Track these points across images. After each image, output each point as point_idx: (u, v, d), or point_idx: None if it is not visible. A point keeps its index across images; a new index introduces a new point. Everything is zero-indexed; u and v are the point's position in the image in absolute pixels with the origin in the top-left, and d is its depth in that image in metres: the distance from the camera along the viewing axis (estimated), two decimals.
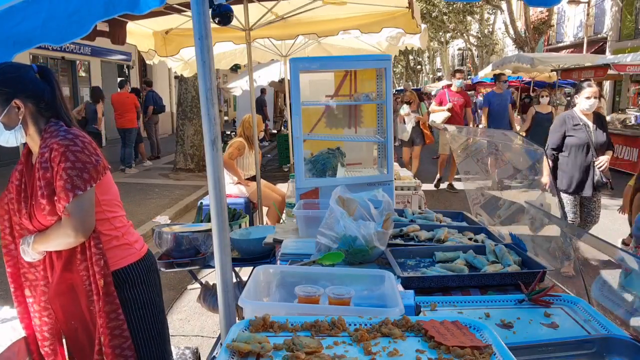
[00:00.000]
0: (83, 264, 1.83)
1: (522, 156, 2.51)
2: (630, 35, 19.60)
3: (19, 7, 1.54)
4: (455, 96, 8.52)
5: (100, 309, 1.81)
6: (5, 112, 1.78)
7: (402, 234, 2.41)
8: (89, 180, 1.75)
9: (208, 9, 1.34)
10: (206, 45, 1.32)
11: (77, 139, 1.78)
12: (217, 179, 1.36)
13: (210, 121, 1.35)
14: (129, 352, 1.87)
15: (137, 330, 1.94)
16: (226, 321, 1.42)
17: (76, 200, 1.72)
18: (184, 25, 4.81)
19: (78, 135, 1.80)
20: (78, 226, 1.75)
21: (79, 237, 1.77)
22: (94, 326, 1.88)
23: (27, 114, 1.82)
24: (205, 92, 1.34)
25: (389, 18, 4.55)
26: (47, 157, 1.75)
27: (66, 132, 1.79)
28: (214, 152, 1.35)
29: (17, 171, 1.90)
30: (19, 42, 1.56)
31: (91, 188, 1.76)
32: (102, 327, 1.82)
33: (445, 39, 34.30)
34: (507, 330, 1.43)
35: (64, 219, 1.75)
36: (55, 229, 1.79)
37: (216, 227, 1.37)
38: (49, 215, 1.77)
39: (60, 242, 1.79)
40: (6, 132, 1.82)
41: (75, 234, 1.75)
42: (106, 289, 1.82)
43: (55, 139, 1.77)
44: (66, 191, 1.71)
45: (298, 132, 2.92)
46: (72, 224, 1.74)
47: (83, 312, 1.88)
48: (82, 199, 1.74)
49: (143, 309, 1.97)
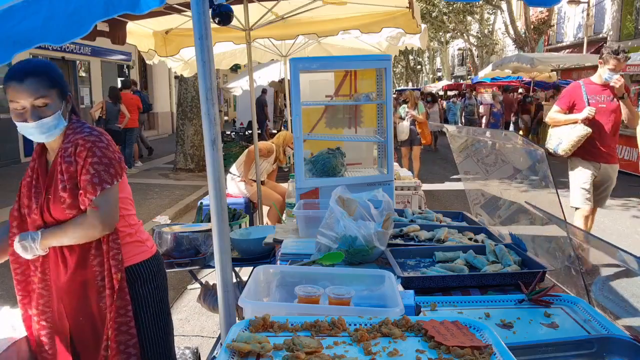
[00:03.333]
0: (97, 259, 1.84)
1: (522, 156, 2.51)
2: (631, 35, 19.61)
3: (19, 7, 1.54)
4: (602, 93, 4.34)
5: (112, 303, 1.82)
6: (63, 107, 1.83)
7: (402, 234, 2.41)
8: (115, 175, 1.80)
9: (208, 9, 1.34)
10: (206, 45, 1.32)
11: (102, 136, 1.84)
12: (217, 179, 1.36)
13: (210, 121, 1.35)
14: (133, 350, 1.87)
15: (143, 328, 1.94)
16: (226, 321, 1.42)
17: (104, 193, 1.77)
18: (184, 25, 4.81)
19: (102, 133, 1.87)
20: (105, 219, 1.78)
21: (105, 229, 1.80)
22: (101, 323, 1.87)
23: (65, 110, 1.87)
24: (206, 92, 1.34)
25: (389, 18, 4.56)
26: (70, 152, 1.79)
27: (91, 129, 1.84)
28: (214, 152, 1.35)
29: (30, 168, 1.90)
30: (18, 42, 1.56)
31: (117, 183, 1.82)
32: (110, 322, 1.83)
33: (445, 39, 34.32)
34: (507, 330, 1.43)
35: (89, 211, 1.78)
36: (76, 222, 1.80)
37: (216, 227, 1.38)
38: (67, 209, 1.78)
39: (83, 234, 1.80)
40: (58, 128, 1.82)
41: (101, 226, 1.78)
42: (120, 284, 1.84)
43: (80, 134, 1.81)
44: (93, 184, 1.75)
45: (298, 132, 2.92)
46: (99, 216, 1.77)
47: (92, 309, 1.88)
48: (109, 192, 1.79)
49: (152, 308, 1.98)
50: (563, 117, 4.44)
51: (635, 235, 6.27)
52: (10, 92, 1.74)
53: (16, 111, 1.75)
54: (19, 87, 1.72)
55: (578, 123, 4.28)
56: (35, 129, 1.76)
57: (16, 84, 1.72)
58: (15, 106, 1.74)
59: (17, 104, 1.74)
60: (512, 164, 2.48)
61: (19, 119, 1.76)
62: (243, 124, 15.24)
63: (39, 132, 1.78)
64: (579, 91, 4.39)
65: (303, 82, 3.03)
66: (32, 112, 1.74)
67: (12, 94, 1.74)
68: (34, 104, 1.74)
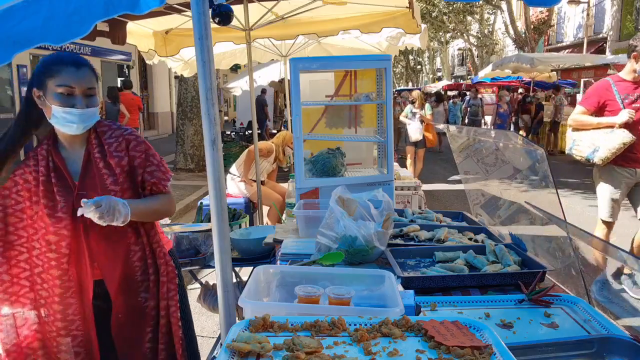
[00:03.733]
0: (137, 254, 1.86)
1: (522, 156, 2.51)
2: (631, 35, 19.58)
3: (19, 7, 1.54)
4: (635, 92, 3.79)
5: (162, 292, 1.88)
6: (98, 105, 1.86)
7: (402, 234, 2.41)
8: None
9: (208, 9, 1.34)
10: (206, 45, 1.32)
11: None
12: (217, 179, 1.36)
13: (210, 121, 1.35)
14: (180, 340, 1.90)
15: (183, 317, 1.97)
16: (226, 321, 1.42)
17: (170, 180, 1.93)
18: (184, 25, 4.81)
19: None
20: (174, 202, 1.96)
21: (174, 212, 1.99)
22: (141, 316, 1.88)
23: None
24: (205, 92, 1.34)
25: (389, 18, 4.56)
26: (119, 147, 1.83)
27: (125, 127, 1.91)
28: (214, 152, 1.35)
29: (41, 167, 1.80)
30: (18, 42, 1.56)
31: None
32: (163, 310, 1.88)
33: (445, 39, 34.32)
34: (507, 330, 1.43)
35: (167, 195, 1.92)
36: (159, 201, 1.88)
37: (216, 227, 1.38)
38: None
39: (163, 212, 1.92)
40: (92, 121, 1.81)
41: (174, 209, 1.97)
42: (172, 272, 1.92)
43: (121, 131, 1.87)
44: (163, 172, 1.90)
45: (298, 132, 2.92)
46: (173, 201, 1.96)
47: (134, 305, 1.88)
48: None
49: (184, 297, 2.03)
50: (594, 121, 3.78)
51: (634, 236, 6.26)
52: (62, 76, 1.72)
53: (63, 96, 1.72)
54: (76, 73, 1.73)
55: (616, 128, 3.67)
56: (79, 117, 1.74)
57: (73, 69, 1.73)
58: (66, 90, 1.72)
59: (71, 89, 1.72)
60: (512, 164, 2.48)
61: (65, 104, 1.72)
62: (243, 124, 15.25)
63: (80, 120, 1.75)
64: (609, 90, 3.78)
65: (303, 82, 3.03)
66: (82, 100, 1.74)
67: (66, 79, 1.72)
68: (85, 93, 1.75)
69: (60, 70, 1.72)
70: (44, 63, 1.77)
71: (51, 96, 1.73)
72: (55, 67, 1.73)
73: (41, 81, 1.75)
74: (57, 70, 1.72)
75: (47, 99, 1.73)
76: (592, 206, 7.68)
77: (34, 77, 1.78)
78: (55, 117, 1.74)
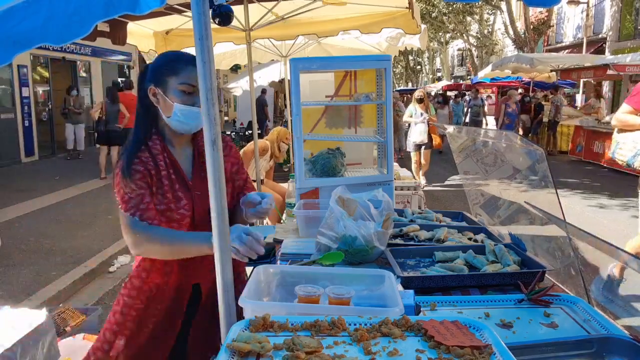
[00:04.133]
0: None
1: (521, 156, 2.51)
2: (630, 35, 19.61)
3: (19, 7, 1.54)
4: None
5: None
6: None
7: (402, 233, 2.41)
8: None
9: (208, 10, 1.34)
10: (206, 45, 1.32)
11: None
12: (217, 179, 1.36)
13: (210, 121, 1.35)
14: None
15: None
16: (226, 321, 1.42)
17: None
18: (185, 25, 4.82)
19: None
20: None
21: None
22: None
23: None
24: (206, 92, 1.34)
25: (388, 18, 4.56)
26: (226, 151, 1.80)
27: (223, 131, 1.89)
28: (214, 153, 1.35)
29: (162, 162, 1.73)
30: (19, 42, 1.56)
31: None
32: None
33: (445, 39, 34.32)
34: (506, 330, 1.44)
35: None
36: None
37: (216, 227, 1.37)
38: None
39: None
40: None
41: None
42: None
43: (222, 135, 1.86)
44: (248, 189, 1.93)
45: (298, 132, 2.92)
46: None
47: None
48: None
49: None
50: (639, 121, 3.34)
51: (634, 236, 6.26)
52: (185, 74, 1.68)
53: (184, 94, 1.69)
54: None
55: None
56: (200, 116, 1.68)
57: (195, 68, 1.66)
58: (188, 89, 1.69)
59: (192, 87, 1.68)
60: (511, 164, 2.48)
61: (188, 102, 1.69)
62: (243, 124, 15.26)
63: (200, 119, 1.71)
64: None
65: (303, 83, 3.03)
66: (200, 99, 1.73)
67: (188, 77, 1.68)
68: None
69: (183, 68, 1.69)
70: (165, 60, 1.74)
71: (172, 93, 1.69)
72: (177, 65, 1.70)
73: (160, 78, 1.71)
74: (179, 68, 1.69)
75: (167, 96, 1.70)
76: (591, 206, 7.69)
77: (150, 73, 1.74)
78: (177, 114, 1.70)
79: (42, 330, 2.14)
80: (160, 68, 1.73)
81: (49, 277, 4.80)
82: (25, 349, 2.01)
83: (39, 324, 2.13)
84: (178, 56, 1.74)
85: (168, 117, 1.72)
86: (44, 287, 4.59)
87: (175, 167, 1.76)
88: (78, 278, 4.85)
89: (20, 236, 6.09)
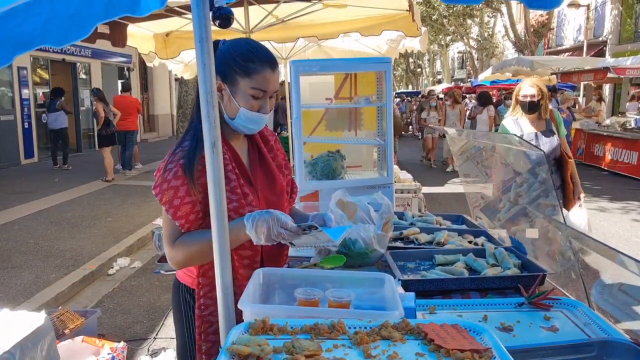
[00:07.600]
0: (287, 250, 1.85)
1: (521, 159, 2.51)
2: (630, 38, 19.65)
3: (20, 9, 1.54)
4: None
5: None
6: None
7: (402, 236, 2.41)
8: None
9: (208, 12, 1.34)
10: (206, 47, 1.32)
11: None
12: (217, 182, 1.36)
13: (210, 124, 1.34)
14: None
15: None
16: (226, 324, 1.41)
17: None
18: (185, 27, 4.82)
19: None
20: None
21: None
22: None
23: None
24: (206, 94, 1.34)
25: (389, 21, 4.57)
26: (277, 146, 1.80)
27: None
28: (214, 155, 1.35)
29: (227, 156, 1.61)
30: (19, 44, 1.56)
31: None
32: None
33: (445, 42, 34.36)
34: (507, 333, 1.43)
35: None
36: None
37: (216, 229, 1.37)
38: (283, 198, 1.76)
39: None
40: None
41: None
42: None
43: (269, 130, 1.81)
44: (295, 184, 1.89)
45: (298, 135, 2.92)
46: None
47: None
48: None
49: None
50: None
51: (635, 239, 6.27)
52: (259, 78, 1.54)
53: (253, 98, 1.55)
54: (272, 75, 1.55)
55: None
56: (263, 121, 1.60)
57: (270, 71, 1.55)
58: (258, 94, 1.55)
59: (263, 93, 1.55)
60: (512, 167, 2.49)
61: (256, 107, 1.56)
62: None
63: (263, 123, 1.62)
64: None
65: (303, 85, 3.04)
66: (267, 103, 1.58)
67: (262, 82, 1.54)
68: (271, 95, 1.59)
69: (258, 71, 1.53)
70: (239, 55, 1.55)
71: (241, 96, 1.55)
72: (252, 65, 1.53)
73: (230, 75, 1.55)
74: (254, 69, 1.53)
75: (235, 97, 1.56)
76: (591, 209, 7.68)
77: (220, 63, 1.53)
78: (241, 118, 1.57)
79: (41, 333, 2.14)
80: (232, 65, 1.55)
81: (48, 280, 4.79)
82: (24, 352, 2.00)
83: (38, 327, 2.12)
84: (253, 53, 1.55)
85: (231, 119, 1.59)
86: (43, 289, 4.58)
87: (238, 161, 1.65)
88: (77, 280, 4.84)
89: (19, 238, 6.08)
